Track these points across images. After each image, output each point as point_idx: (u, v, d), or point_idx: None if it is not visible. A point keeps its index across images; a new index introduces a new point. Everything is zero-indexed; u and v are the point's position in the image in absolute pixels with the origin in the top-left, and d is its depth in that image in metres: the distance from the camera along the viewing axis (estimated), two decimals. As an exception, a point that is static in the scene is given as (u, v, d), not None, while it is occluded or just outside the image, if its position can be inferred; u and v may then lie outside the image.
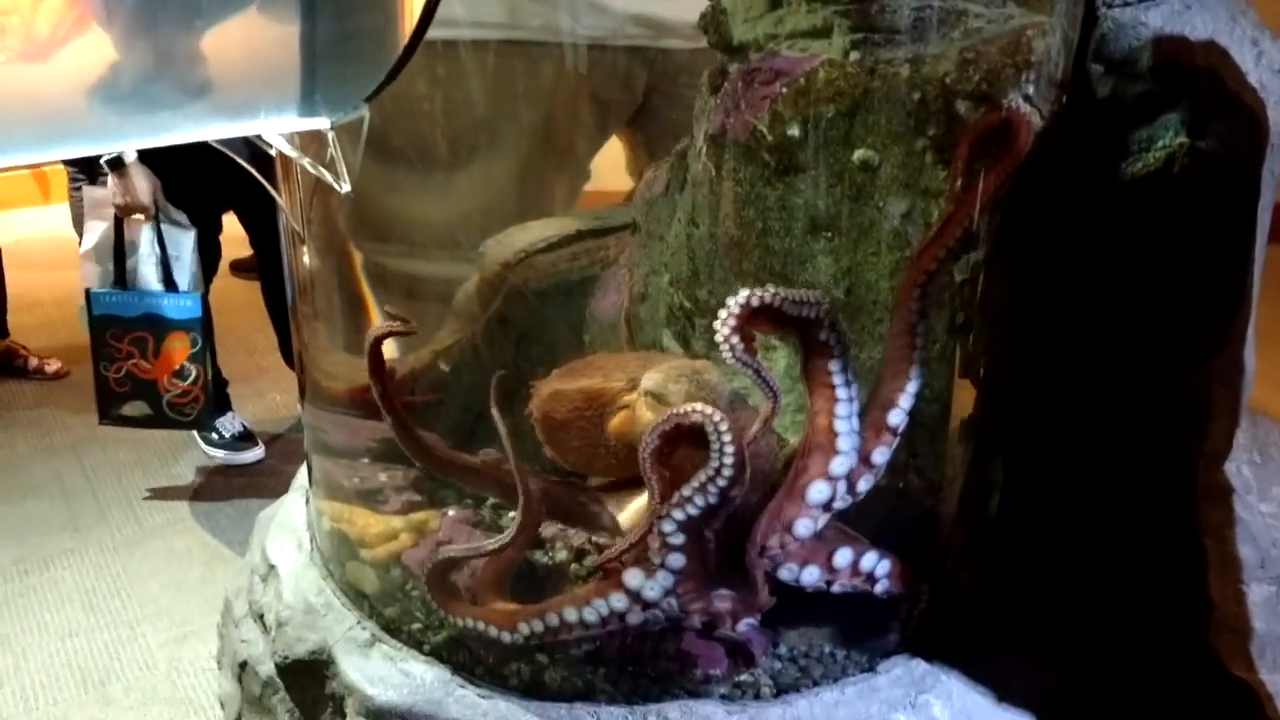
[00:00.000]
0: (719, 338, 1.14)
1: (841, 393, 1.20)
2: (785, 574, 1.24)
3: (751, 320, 1.15)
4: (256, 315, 3.05)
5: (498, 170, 1.73)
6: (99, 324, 2.64)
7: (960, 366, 1.30)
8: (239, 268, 4.19)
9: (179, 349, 2.65)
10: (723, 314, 1.14)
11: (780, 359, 1.35)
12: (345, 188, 1.19)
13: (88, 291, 2.63)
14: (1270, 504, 1.43)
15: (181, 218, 2.63)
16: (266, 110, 1.03)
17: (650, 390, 1.26)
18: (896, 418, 1.22)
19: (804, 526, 1.21)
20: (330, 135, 1.12)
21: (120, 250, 2.61)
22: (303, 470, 1.81)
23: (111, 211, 2.58)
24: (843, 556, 1.25)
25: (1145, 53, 1.24)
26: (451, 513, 1.52)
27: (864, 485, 1.23)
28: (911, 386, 1.22)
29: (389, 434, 1.47)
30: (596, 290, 1.65)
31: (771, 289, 1.15)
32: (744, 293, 1.14)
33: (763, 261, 1.30)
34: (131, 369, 2.67)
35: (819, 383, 1.21)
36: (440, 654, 1.36)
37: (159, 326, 2.63)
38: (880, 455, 1.23)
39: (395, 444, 1.43)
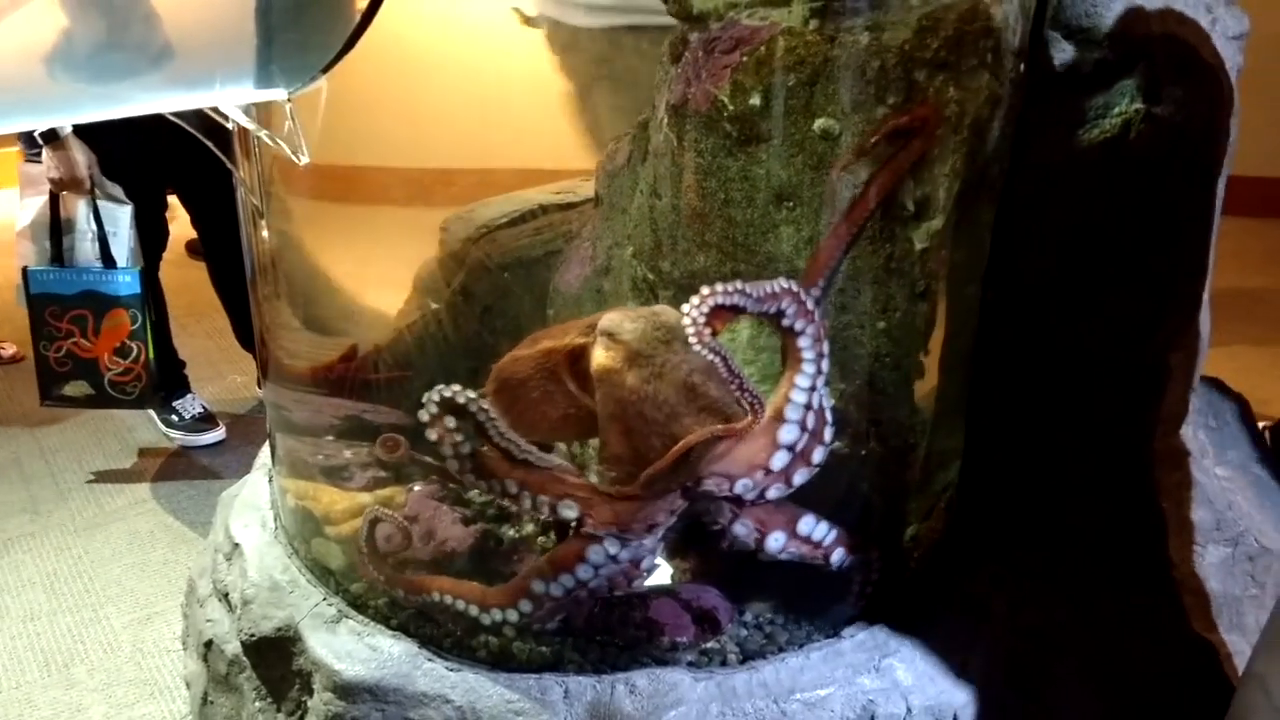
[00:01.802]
0: (695, 345, 1.13)
1: (809, 367, 1.21)
2: (740, 529, 1.24)
3: (716, 315, 1.15)
4: (214, 296, 3.02)
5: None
6: (37, 303, 2.61)
7: (921, 334, 1.31)
8: (194, 249, 4.12)
9: (119, 326, 2.62)
10: (689, 319, 1.14)
11: (744, 330, 1.35)
12: (304, 160, 1.18)
13: (25, 270, 2.60)
14: (1225, 467, 1.46)
15: (118, 192, 2.59)
16: (223, 80, 1.01)
17: (605, 330, 1.23)
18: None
19: (776, 491, 1.22)
20: (288, 106, 1.10)
21: (57, 227, 2.58)
22: (265, 449, 1.80)
23: (47, 188, 2.54)
24: (806, 524, 1.27)
25: (1103, 19, 1.25)
26: (418, 488, 1.52)
27: (819, 460, 1.25)
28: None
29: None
30: (560, 264, 1.65)
31: (729, 287, 1.15)
32: (696, 299, 1.14)
33: (725, 232, 1.30)
34: (72, 348, 2.64)
35: (792, 357, 1.22)
36: (408, 628, 1.36)
37: (98, 304, 2.60)
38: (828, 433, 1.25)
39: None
